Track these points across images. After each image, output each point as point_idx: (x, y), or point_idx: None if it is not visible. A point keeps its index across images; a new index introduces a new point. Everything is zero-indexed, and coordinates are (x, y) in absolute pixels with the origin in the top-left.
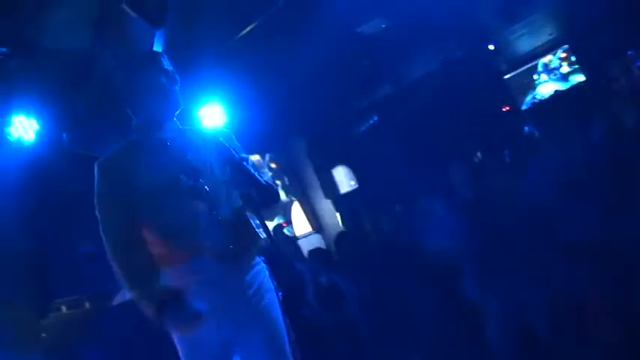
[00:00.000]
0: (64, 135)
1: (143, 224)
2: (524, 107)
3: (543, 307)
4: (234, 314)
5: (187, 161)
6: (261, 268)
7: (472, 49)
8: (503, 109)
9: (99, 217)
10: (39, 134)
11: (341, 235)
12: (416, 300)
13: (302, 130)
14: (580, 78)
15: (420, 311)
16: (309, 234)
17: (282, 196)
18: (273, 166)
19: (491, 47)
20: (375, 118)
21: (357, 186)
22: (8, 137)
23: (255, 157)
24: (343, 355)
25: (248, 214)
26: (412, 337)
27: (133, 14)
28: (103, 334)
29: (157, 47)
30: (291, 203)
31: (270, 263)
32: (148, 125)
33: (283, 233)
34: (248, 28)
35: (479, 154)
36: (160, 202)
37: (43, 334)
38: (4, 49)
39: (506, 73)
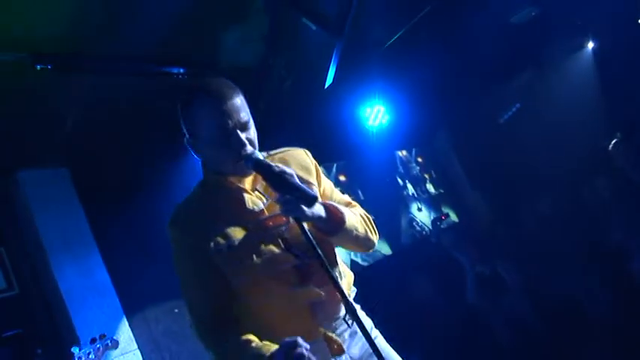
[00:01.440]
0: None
1: (236, 300)
2: None
3: None
4: None
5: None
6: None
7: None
8: None
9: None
10: None
11: (496, 225)
12: (582, 286)
13: (446, 122)
14: None
15: (588, 298)
16: (455, 225)
17: (431, 189)
18: (419, 160)
19: None
20: (518, 105)
21: (506, 174)
22: None
23: (402, 153)
24: (508, 345)
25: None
26: (581, 326)
27: (313, 27)
28: None
29: (335, 58)
30: (440, 196)
31: (430, 256)
32: (214, 171)
33: (440, 226)
34: (402, 30)
35: (618, 134)
36: (253, 287)
37: None
38: (181, 70)
39: None
